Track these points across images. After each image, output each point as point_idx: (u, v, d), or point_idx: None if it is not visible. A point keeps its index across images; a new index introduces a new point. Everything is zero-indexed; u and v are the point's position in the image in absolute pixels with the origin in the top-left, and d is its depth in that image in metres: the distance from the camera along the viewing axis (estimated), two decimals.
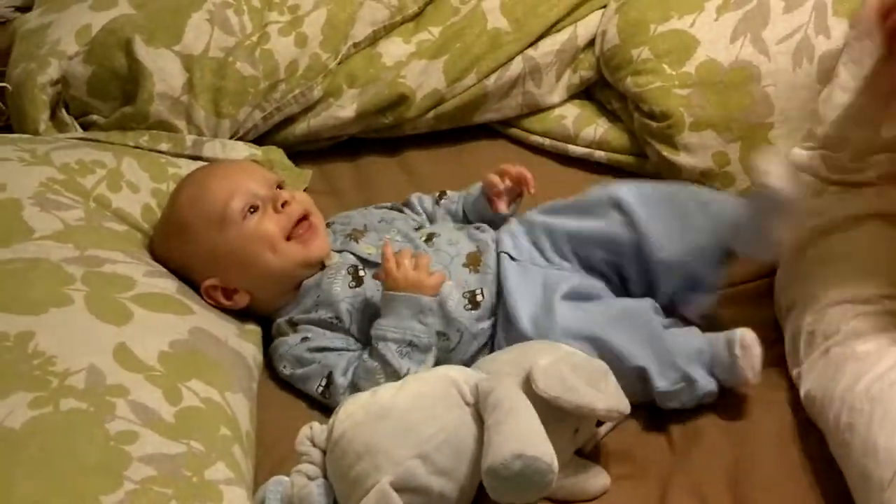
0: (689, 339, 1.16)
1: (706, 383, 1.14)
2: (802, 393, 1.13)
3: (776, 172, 1.14)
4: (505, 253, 1.23)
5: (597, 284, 1.22)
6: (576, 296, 1.19)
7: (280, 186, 1.26)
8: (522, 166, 1.30)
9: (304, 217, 1.24)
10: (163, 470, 0.94)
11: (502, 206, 1.29)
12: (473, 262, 1.23)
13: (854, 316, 1.12)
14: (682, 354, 1.14)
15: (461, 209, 1.34)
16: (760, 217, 1.17)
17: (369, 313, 1.19)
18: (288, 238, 1.23)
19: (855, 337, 1.10)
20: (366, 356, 1.16)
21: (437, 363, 1.17)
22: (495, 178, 1.29)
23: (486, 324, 1.20)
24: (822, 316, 1.15)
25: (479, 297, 1.20)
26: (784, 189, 1.14)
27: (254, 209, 1.22)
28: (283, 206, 1.23)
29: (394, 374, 1.13)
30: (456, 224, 1.32)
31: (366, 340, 1.19)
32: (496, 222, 1.30)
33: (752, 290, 1.31)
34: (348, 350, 1.20)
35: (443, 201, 1.36)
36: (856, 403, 1.03)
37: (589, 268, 1.23)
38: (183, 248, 1.23)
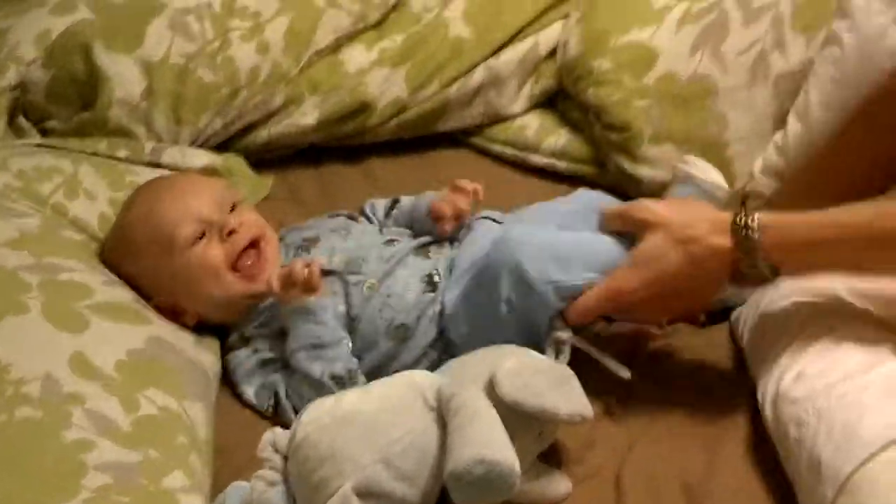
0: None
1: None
2: (758, 397, 1.13)
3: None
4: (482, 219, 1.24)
5: None
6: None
7: (234, 207, 1.24)
8: (474, 183, 1.26)
9: (254, 243, 1.22)
10: (120, 478, 0.94)
11: (447, 228, 1.25)
12: (423, 252, 1.22)
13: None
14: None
15: (410, 219, 1.31)
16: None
17: None
18: (235, 268, 1.21)
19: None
20: (288, 375, 1.17)
21: (394, 354, 1.16)
22: (443, 208, 1.25)
23: None
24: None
25: (435, 278, 1.19)
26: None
27: (202, 235, 1.21)
28: (229, 234, 1.21)
29: (315, 384, 1.13)
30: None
31: None
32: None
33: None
34: None
35: (393, 212, 1.33)
36: (803, 417, 1.03)
37: None
38: (130, 266, 1.22)
